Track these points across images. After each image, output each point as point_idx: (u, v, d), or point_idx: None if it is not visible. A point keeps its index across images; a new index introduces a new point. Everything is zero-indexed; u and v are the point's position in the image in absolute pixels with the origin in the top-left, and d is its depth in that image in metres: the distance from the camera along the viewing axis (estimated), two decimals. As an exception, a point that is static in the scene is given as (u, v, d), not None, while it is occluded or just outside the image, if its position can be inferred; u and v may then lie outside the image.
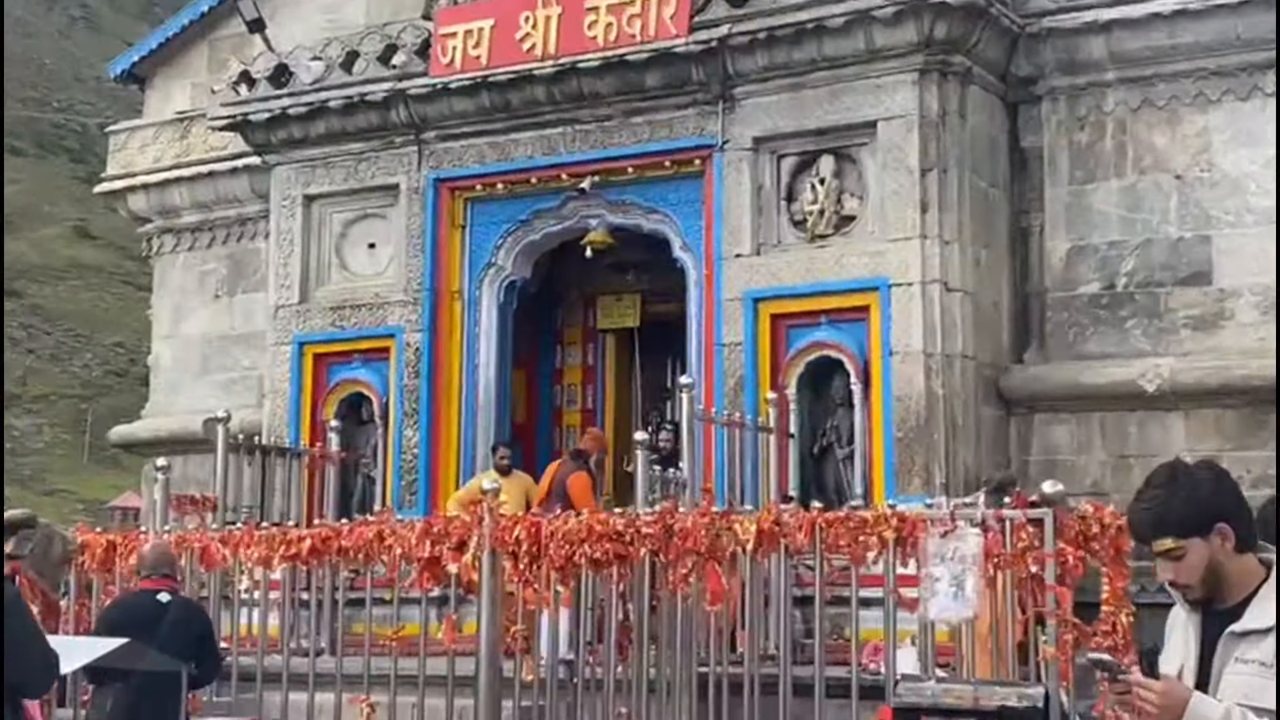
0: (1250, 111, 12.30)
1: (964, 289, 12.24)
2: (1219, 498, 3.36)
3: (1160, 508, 3.36)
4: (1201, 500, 3.34)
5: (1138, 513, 3.46)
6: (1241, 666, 3.26)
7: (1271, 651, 3.21)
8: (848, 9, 12.16)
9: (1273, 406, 11.92)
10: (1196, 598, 3.38)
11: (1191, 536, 3.29)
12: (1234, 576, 3.37)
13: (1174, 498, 3.36)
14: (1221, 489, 3.41)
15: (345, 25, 15.68)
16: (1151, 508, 3.39)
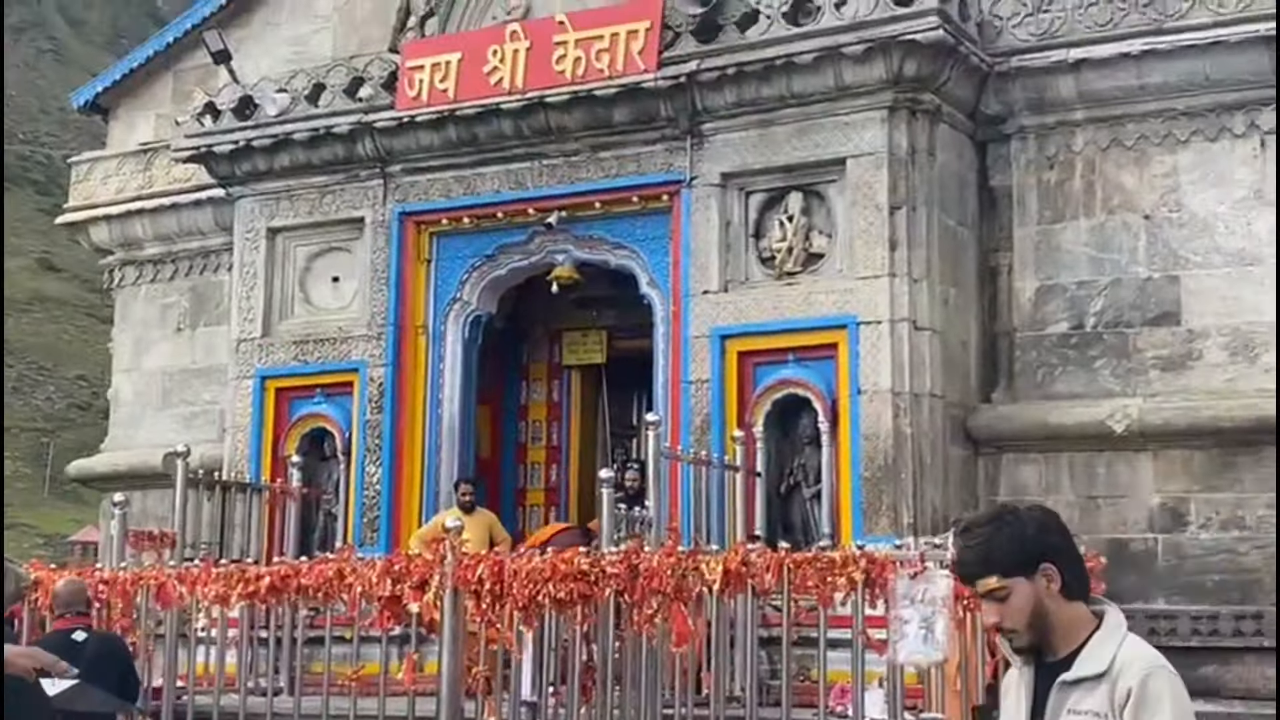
0: (1219, 152, 12.30)
1: (932, 328, 12.17)
2: (1045, 537, 3.23)
3: (984, 546, 3.23)
4: (1027, 539, 3.20)
5: (963, 551, 3.34)
6: (1074, 717, 3.15)
7: (1105, 700, 3.11)
8: (816, 46, 12.14)
9: (1240, 448, 11.91)
10: (1023, 645, 3.24)
11: (1016, 576, 3.17)
12: (1063, 625, 3.24)
13: (999, 535, 3.23)
14: (1048, 529, 3.28)
15: (311, 58, 15.59)
16: (976, 546, 3.27)
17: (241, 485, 13.96)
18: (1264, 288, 12.01)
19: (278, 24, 16.61)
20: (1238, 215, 12.18)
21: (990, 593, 3.19)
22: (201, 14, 17.03)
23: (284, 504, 14.21)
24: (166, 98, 17.43)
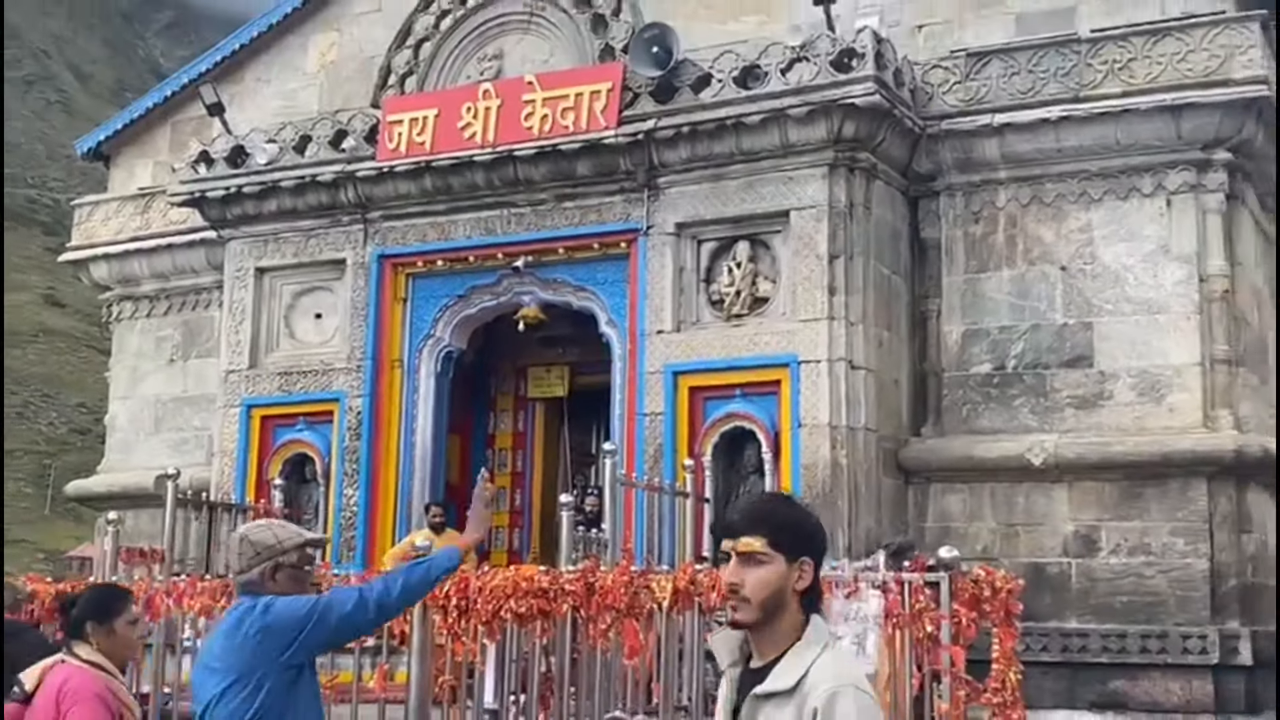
0: (1129, 210, 12.44)
1: (867, 367, 12.22)
2: (817, 537, 3.03)
3: (768, 512, 3.01)
4: (805, 528, 3.01)
5: (744, 509, 3.09)
6: None
7: (791, 714, 2.85)
8: (764, 108, 12.22)
9: (1147, 481, 12.01)
10: (746, 619, 2.94)
11: (780, 552, 2.92)
12: (783, 624, 2.97)
13: (785, 510, 3.04)
14: (821, 535, 3.07)
15: (299, 111, 15.61)
16: (759, 508, 3.05)
17: (228, 506, 13.88)
18: (1169, 334, 12.15)
19: (268, 80, 16.62)
20: (1146, 268, 12.31)
21: (749, 554, 2.91)
22: (198, 70, 17.06)
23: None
24: (164, 146, 17.40)
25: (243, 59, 16.79)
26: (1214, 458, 11.83)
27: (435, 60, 14.31)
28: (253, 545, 4.60)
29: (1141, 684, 11.67)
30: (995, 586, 8.38)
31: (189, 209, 15.32)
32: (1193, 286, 12.13)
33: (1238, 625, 11.71)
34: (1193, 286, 12.13)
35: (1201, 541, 11.81)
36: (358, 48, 15.86)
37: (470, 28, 14.23)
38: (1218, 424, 11.93)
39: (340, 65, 16.10)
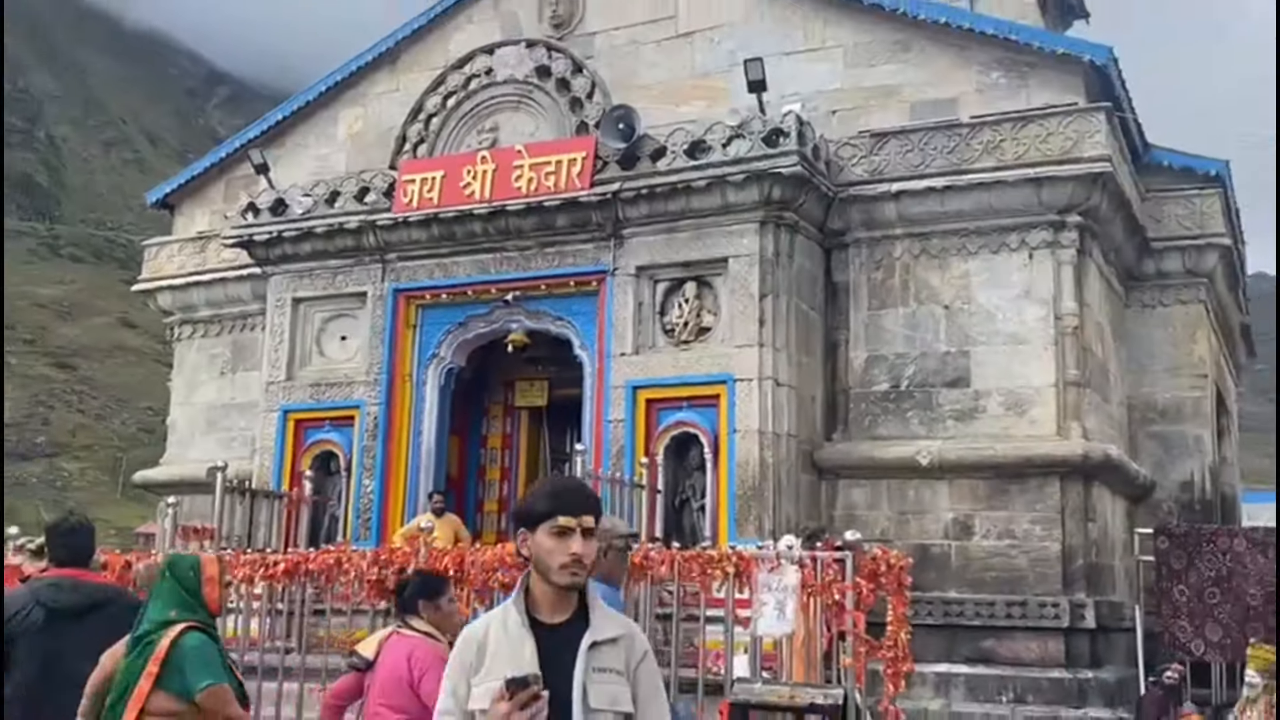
0: (999, 261, 12.55)
1: (789, 385, 12.27)
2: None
3: (590, 493, 3.02)
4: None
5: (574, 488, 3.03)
6: (603, 675, 2.86)
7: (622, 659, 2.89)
8: (708, 175, 12.27)
9: (1012, 479, 12.11)
10: (580, 583, 2.90)
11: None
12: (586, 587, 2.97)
13: (593, 492, 3.06)
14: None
15: (330, 171, 15.54)
16: (585, 489, 3.04)
17: (266, 493, 13.75)
18: (1030, 361, 12.26)
19: (306, 146, 16.55)
20: (1012, 307, 12.42)
21: (589, 530, 2.90)
22: (248, 136, 16.97)
23: (298, 508, 14.01)
24: (219, 198, 17.28)
25: (285, 128, 16.72)
26: (1066, 461, 11.94)
27: (442, 131, 14.28)
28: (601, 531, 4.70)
29: (1006, 643, 11.75)
30: (890, 563, 8.42)
31: (239, 250, 15.18)
32: (1049, 323, 12.25)
33: (1084, 596, 11.81)
34: (1049, 323, 12.25)
35: (1055, 528, 11.92)
36: (378, 120, 15.81)
37: (471, 106, 14.22)
38: (1069, 434, 12.04)
39: (364, 134, 16.05)
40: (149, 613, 4.54)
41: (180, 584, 4.57)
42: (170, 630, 4.42)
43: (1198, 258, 14.07)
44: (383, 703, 5.17)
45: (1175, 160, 14.21)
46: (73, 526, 5.38)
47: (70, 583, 5.14)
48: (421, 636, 5.28)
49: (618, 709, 2.86)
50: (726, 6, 14.15)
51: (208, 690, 4.34)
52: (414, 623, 5.36)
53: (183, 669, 4.36)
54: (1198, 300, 14.20)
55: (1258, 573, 12.59)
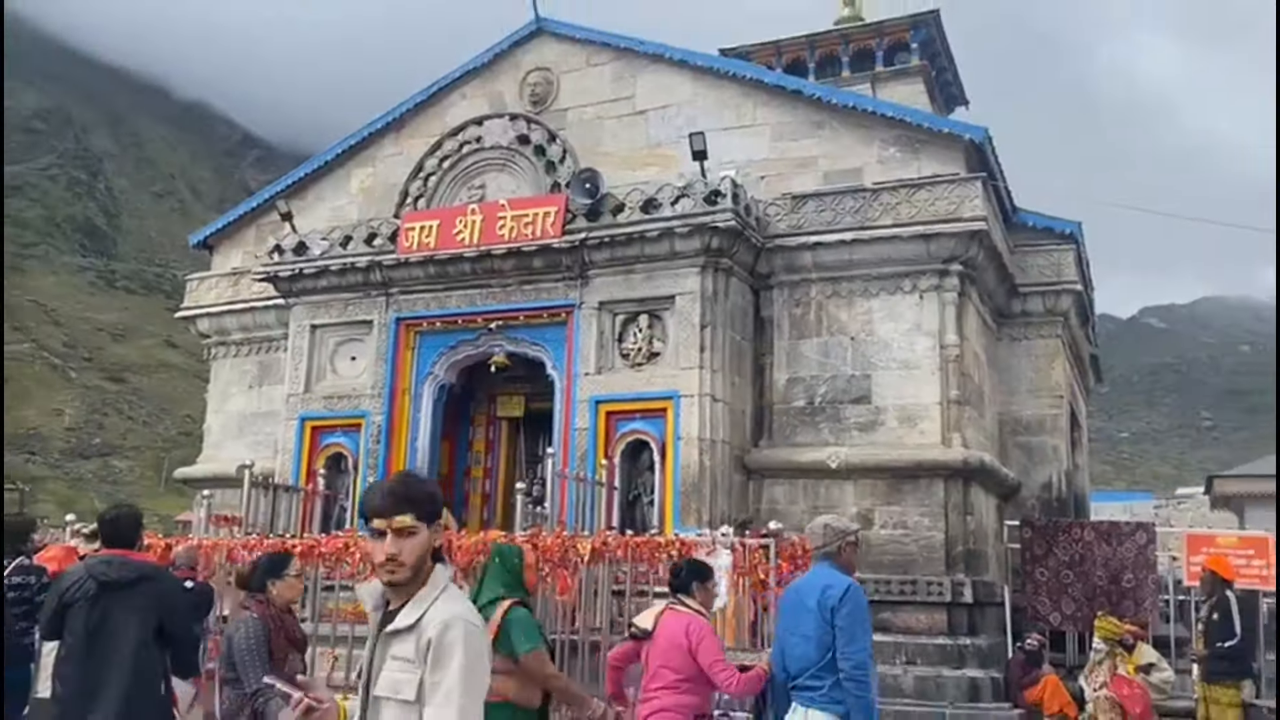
0: (895, 301, 12.61)
1: (724, 400, 12.25)
2: (441, 504, 2.76)
3: (407, 490, 2.66)
4: (436, 498, 2.72)
5: (384, 491, 2.66)
6: (393, 663, 2.55)
7: (414, 649, 2.52)
8: (659, 227, 12.26)
9: (905, 480, 12.13)
10: (400, 580, 2.59)
11: (423, 522, 2.63)
12: (420, 577, 2.63)
13: (423, 487, 2.70)
14: (442, 500, 2.79)
15: (345, 219, 15.36)
16: (404, 490, 2.66)
17: (286, 487, 13.52)
18: (920, 383, 12.31)
19: (324, 198, 16.37)
20: (906, 339, 12.49)
21: (402, 529, 2.59)
22: (276, 189, 16.76)
23: (313, 500, 13.78)
24: (251, 240, 17.05)
25: (307, 182, 16.53)
26: (949, 465, 11.99)
27: (439, 187, 14.19)
28: (834, 530, 4.91)
29: (900, 615, 11.75)
30: (805, 548, 8.38)
31: (266, 283, 14.98)
32: (936, 352, 12.33)
33: (963, 576, 11.86)
34: (936, 352, 12.33)
35: (940, 521, 11.96)
36: (385, 177, 15.67)
37: (463, 167, 14.14)
38: (951, 443, 12.10)
39: (373, 189, 15.91)
40: (482, 591, 4.80)
41: (506, 569, 4.85)
42: (501, 605, 4.70)
43: (1055, 300, 14.25)
44: (663, 665, 5.22)
45: (1038, 221, 14.41)
46: (119, 514, 5.38)
47: (118, 560, 5.11)
48: (693, 613, 5.35)
49: (399, 697, 2.53)
50: (675, 90, 14.20)
51: (531, 653, 4.62)
52: (687, 601, 5.42)
53: (511, 635, 4.61)
54: (1055, 335, 14.37)
55: (1103, 558, 12.73)
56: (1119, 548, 12.73)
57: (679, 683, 5.13)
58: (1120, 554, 12.71)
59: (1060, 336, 14.43)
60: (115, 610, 4.94)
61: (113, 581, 5.00)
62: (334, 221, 15.23)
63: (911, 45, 20.37)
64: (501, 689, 4.50)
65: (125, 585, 5.00)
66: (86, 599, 4.94)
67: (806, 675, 4.67)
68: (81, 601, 4.94)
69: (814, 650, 4.64)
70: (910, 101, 15.76)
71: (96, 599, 4.94)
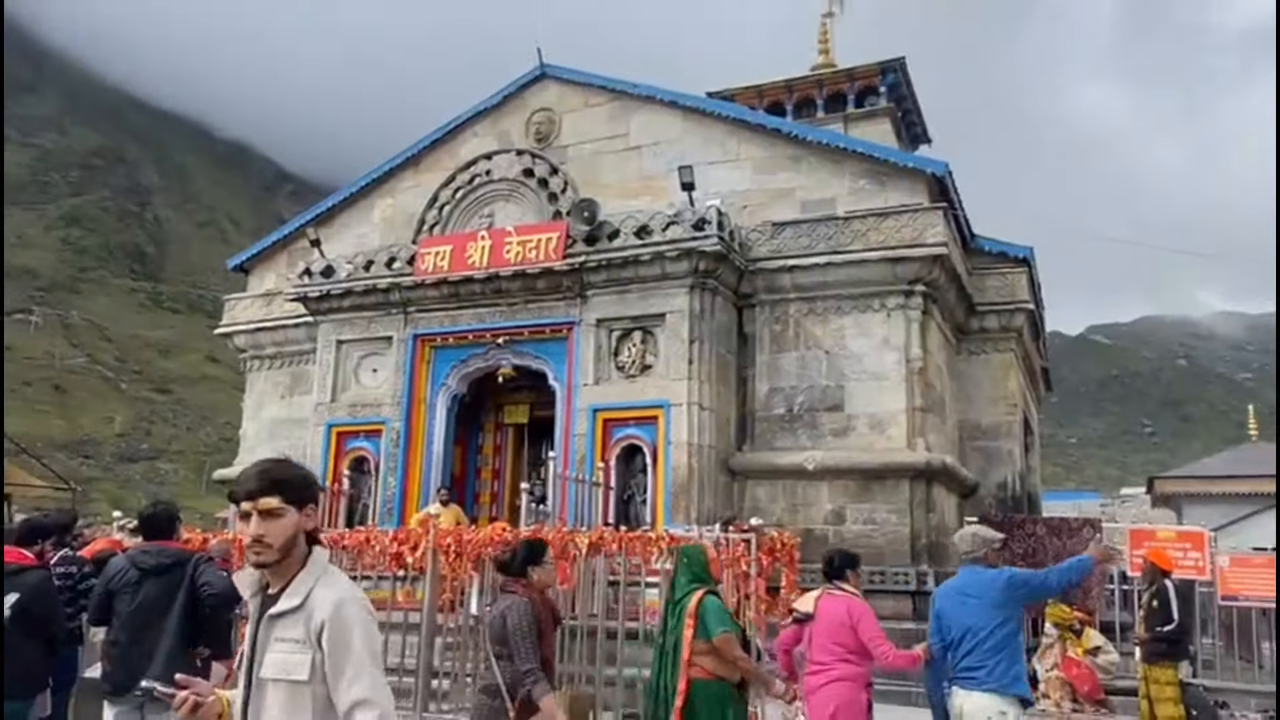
0: (865, 318, 12.56)
1: (711, 409, 12.18)
2: (313, 488, 2.53)
3: (275, 474, 2.45)
4: (305, 481, 2.50)
5: (253, 474, 2.45)
6: (280, 645, 2.35)
7: (303, 630, 2.31)
8: (651, 251, 12.23)
9: (874, 480, 12.05)
10: (268, 561, 2.39)
11: (292, 505, 2.42)
12: (294, 559, 2.42)
13: (292, 471, 2.48)
14: (316, 484, 2.57)
15: (367, 245, 15.31)
16: (271, 472, 2.45)
17: (314, 487, 13.45)
18: (888, 393, 12.26)
19: (349, 226, 16.30)
20: (875, 352, 12.44)
21: (268, 511, 2.40)
22: (305, 218, 16.67)
23: (338, 499, 13.69)
24: (283, 264, 16.96)
25: (334, 212, 16.46)
26: (914, 467, 11.93)
27: (452, 216, 14.14)
28: (980, 538, 5.10)
29: (870, 602, 11.51)
30: (783, 542, 8.34)
31: (297, 303, 14.92)
32: (902, 364, 12.28)
33: (927, 567, 11.76)
34: (902, 364, 12.28)
35: (905, 517, 11.89)
36: (404, 208, 15.61)
37: (474, 197, 14.10)
38: (916, 447, 12.04)
39: (393, 218, 15.85)
40: (677, 584, 5.06)
41: (693, 565, 5.06)
42: (695, 594, 4.92)
43: (1010, 318, 14.20)
44: (832, 641, 5.32)
45: (994, 246, 14.37)
46: (156, 510, 5.41)
47: (156, 549, 5.20)
48: (849, 595, 5.45)
49: (290, 677, 2.32)
50: (666, 128, 14.18)
51: (723, 635, 4.79)
52: (842, 585, 5.51)
53: (706, 621, 4.82)
54: (1010, 349, 14.32)
55: (1054, 551, 12.63)
56: (1068, 541, 12.64)
57: (848, 655, 5.23)
58: (1070, 547, 12.61)
59: (1014, 351, 14.37)
60: (156, 592, 5.03)
61: (152, 568, 5.08)
62: (358, 247, 15.17)
63: (880, 89, 20.38)
64: (704, 666, 4.80)
65: (163, 570, 5.07)
66: (130, 585, 5.04)
67: (970, 659, 4.79)
68: (126, 588, 5.04)
69: (982, 636, 4.75)
70: (878, 139, 15.75)
71: (139, 584, 5.03)
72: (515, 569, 4.95)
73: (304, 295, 14.35)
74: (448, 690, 8.64)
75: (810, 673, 5.34)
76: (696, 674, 4.83)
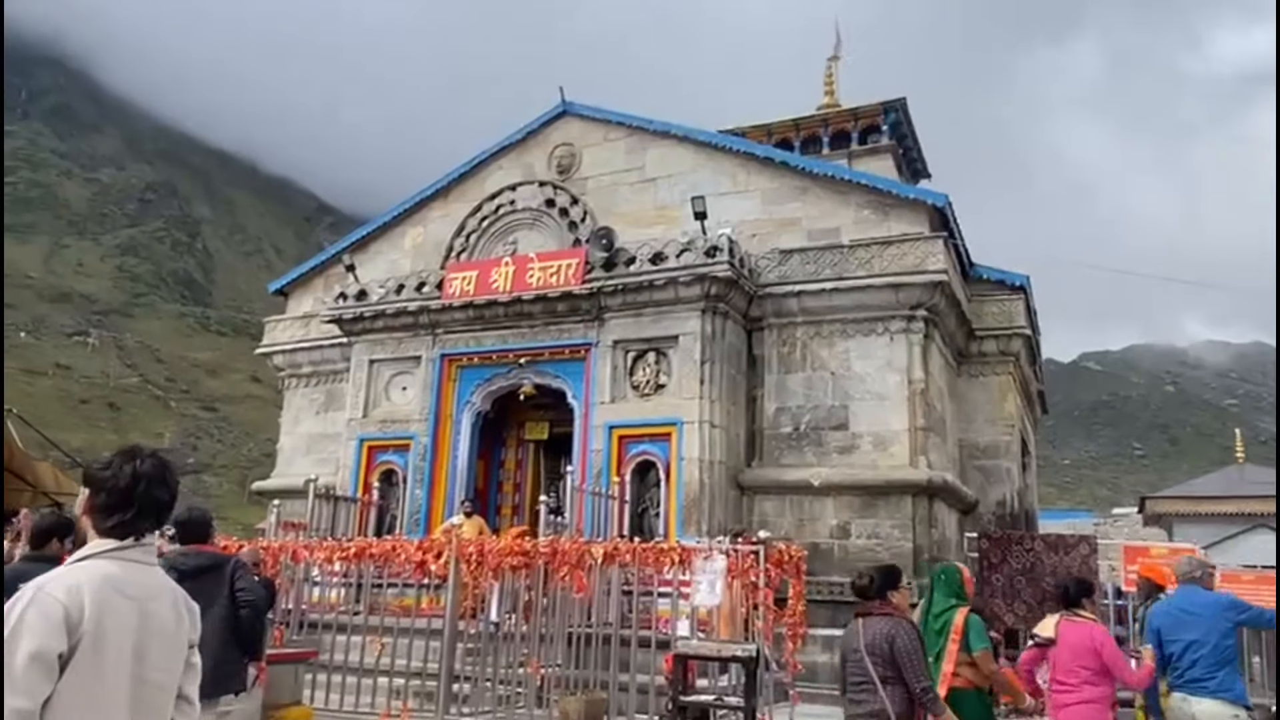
0: (869, 341, 12.39)
1: (721, 426, 12.01)
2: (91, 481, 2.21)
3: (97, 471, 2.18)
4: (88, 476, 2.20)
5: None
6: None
7: None
8: (665, 276, 12.11)
9: (878, 496, 11.81)
10: None
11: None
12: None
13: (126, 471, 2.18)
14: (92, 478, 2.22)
15: (399, 271, 15.26)
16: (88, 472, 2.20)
17: (345, 498, 13.32)
18: (891, 412, 12.05)
19: (382, 252, 16.29)
20: (878, 374, 12.25)
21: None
22: (341, 246, 16.70)
23: (368, 509, 13.57)
24: (320, 288, 16.96)
25: (368, 240, 16.47)
26: (916, 484, 11.69)
27: (478, 243, 14.11)
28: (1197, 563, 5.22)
29: (874, 614, 11.41)
30: (790, 555, 8.14)
31: (332, 324, 14.88)
32: (904, 385, 12.09)
33: (929, 581, 11.49)
34: (904, 385, 12.09)
35: (909, 532, 11.64)
36: (434, 236, 15.59)
37: (499, 226, 14.07)
38: (919, 465, 11.81)
39: (424, 245, 15.83)
40: (935, 601, 5.15)
41: (950, 583, 5.17)
42: (959, 612, 5.02)
43: (1007, 343, 13.97)
44: (1079, 664, 5.33)
45: (992, 274, 14.17)
46: (190, 516, 5.28)
47: (193, 553, 5.14)
48: (1088, 620, 5.46)
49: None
50: (680, 161, 14.12)
51: (981, 652, 4.93)
52: (1080, 612, 5.49)
53: (969, 636, 4.96)
54: (1008, 372, 14.08)
55: (1051, 566, 12.33)
56: (1065, 557, 12.34)
57: (1094, 677, 5.23)
58: (1066, 563, 12.32)
59: (1012, 374, 14.12)
60: (196, 593, 4.85)
61: (190, 569, 4.96)
62: (390, 273, 15.13)
63: (882, 127, 20.29)
64: (965, 676, 4.97)
65: (201, 571, 4.97)
66: None
67: (1196, 670, 5.11)
68: None
69: (1207, 650, 5.09)
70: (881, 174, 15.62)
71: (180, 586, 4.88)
72: (874, 592, 4.84)
73: (339, 317, 14.31)
74: (468, 694, 8.46)
75: (1056, 692, 5.40)
76: (958, 683, 5.02)
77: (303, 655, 8.61)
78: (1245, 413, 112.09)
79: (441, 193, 15.86)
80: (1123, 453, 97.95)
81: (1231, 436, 40.65)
